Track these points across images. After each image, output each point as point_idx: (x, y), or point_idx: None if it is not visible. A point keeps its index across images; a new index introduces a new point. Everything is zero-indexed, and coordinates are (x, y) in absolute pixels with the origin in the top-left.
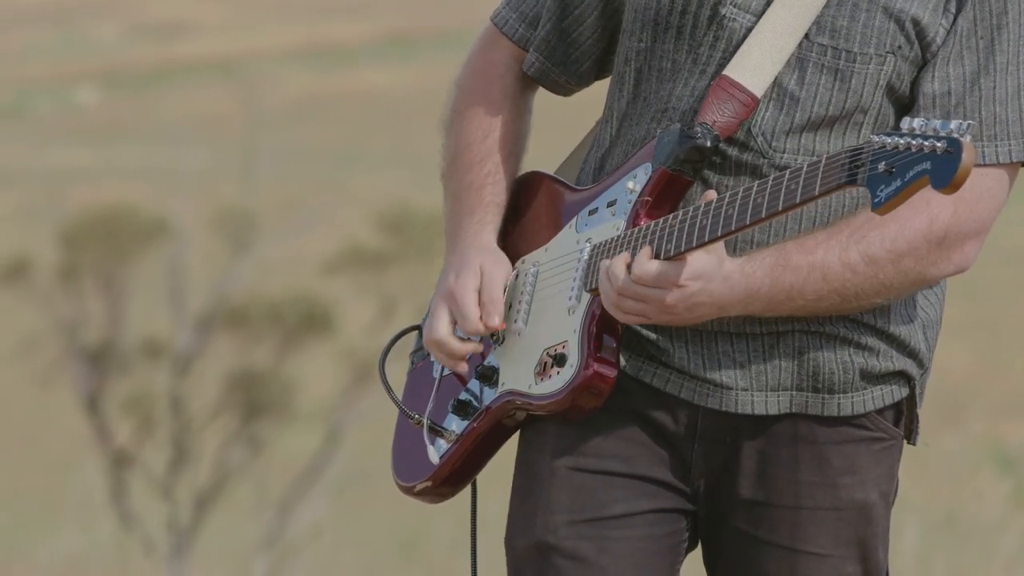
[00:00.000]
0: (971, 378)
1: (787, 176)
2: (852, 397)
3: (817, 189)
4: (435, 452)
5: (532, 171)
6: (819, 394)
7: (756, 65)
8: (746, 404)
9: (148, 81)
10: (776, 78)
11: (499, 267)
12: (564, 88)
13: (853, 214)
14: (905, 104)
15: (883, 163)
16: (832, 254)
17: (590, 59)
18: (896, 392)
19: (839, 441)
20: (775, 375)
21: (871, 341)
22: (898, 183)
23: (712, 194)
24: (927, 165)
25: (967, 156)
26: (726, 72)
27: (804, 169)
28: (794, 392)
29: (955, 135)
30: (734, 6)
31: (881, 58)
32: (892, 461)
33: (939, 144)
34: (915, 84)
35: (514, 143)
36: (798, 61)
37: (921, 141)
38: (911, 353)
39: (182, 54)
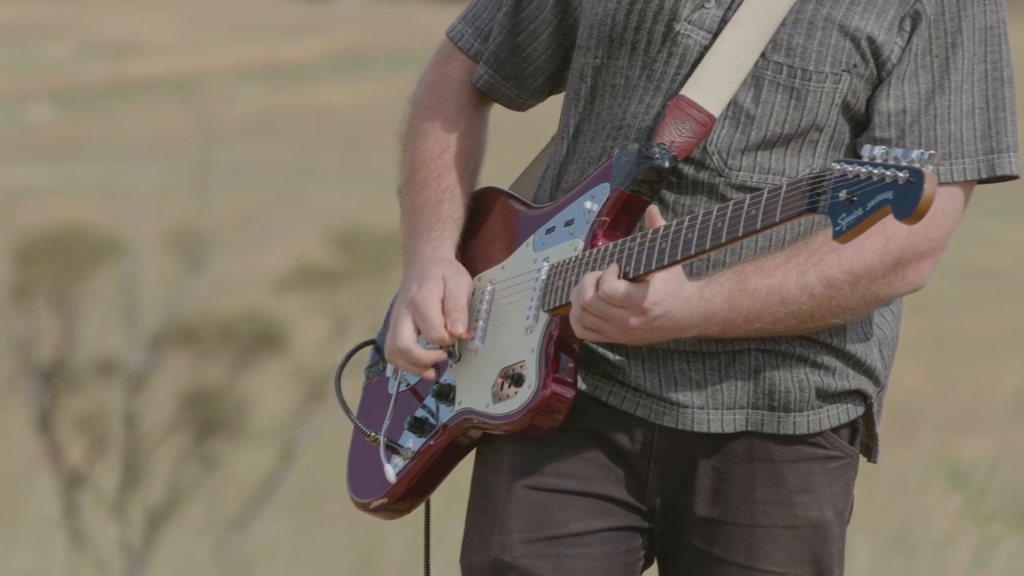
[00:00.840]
0: (922, 394)
1: (748, 202)
2: (808, 416)
3: (778, 216)
4: (391, 469)
5: (488, 187)
6: (775, 412)
7: (713, 84)
8: (702, 423)
9: (101, 98)
10: (732, 96)
11: (461, 277)
12: (517, 103)
13: (811, 235)
14: (860, 122)
15: (844, 191)
16: (790, 278)
17: (544, 75)
18: (852, 411)
19: (795, 459)
20: (731, 394)
21: (827, 360)
22: (859, 212)
23: (656, 218)
24: (889, 195)
25: (929, 186)
26: (683, 92)
27: (765, 195)
28: (750, 410)
29: (917, 165)
30: (688, 23)
31: (836, 76)
32: (847, 479)
33: (901, 174)
34: (870, 102)
35: (470, 158)
36: (754, 79)
37: (883, 170)
38: (867, 371)
39: (135, 72)
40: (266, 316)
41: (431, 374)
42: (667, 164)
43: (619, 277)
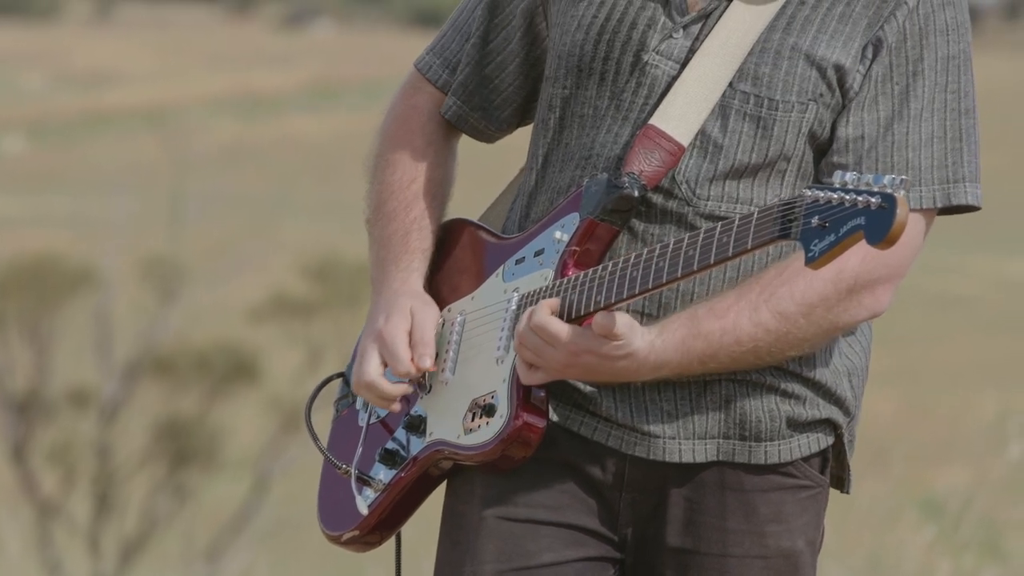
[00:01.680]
0: (894, 424)
1: (719, 229)
2: (779, 445)
3: (750, 243)
4: (362, 501)
5: (456, 218)
6: (746, 442)
7: (681, 114)
8: (673, 452)
9: (74, 129)
10: (701, 126)
11: (429, 309)
12: (485, 134)
13: (762, 271)
14: (825, 151)
15: (816, 217)
16: (743, 316)
17: (512, 106)
18: (822, 440)
19: (766, 489)
20: (702, 423)
21: (797, 389)
22: (832, 238)
23: (607, 320)
24: (861, 220)
25: (901, 211)
26: (652, 121)
27: (737, 222)
28: (721, 440)
29: (889, 190)
30: (656, 53)
31: (803, 106)
32: (818, 509)
33: (873, 199)
34: (831, 128)
35: (438, 189)
36: (721, 108)
37: (855, 196)
38: (837, 401)
39: (109, 102)
40: (240, 347)
41: (398, 407)
42: (636, 193)
43: (552, 313)
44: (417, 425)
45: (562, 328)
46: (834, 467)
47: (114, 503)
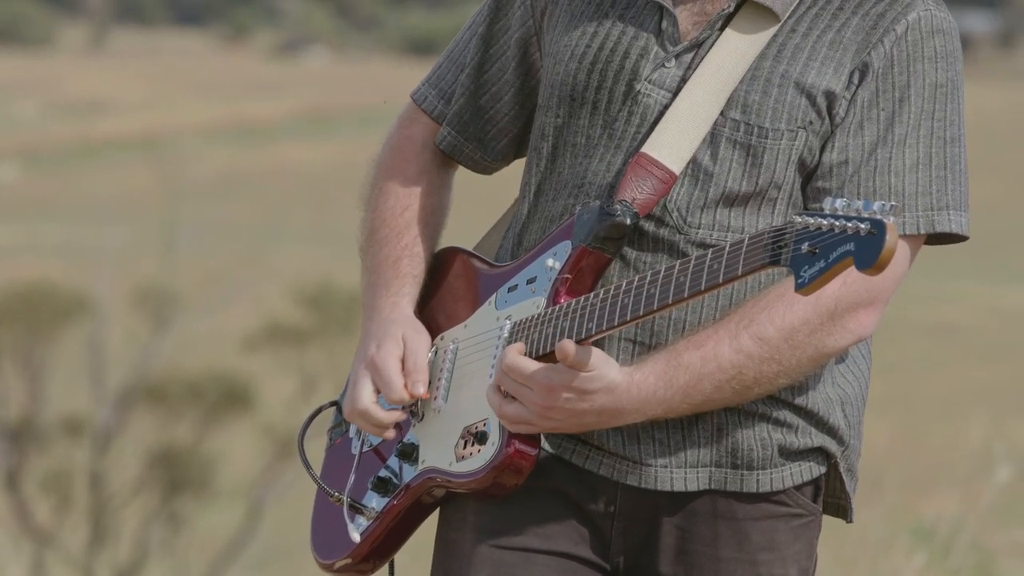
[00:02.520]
0: (889, 451)
1: (709, 256)
2: (771, 473)
3: (740, 269)
4: (355, 529)
5: (450, 247)
6: (738, 470)
7: (673, 142)
8: (665, 481)
9: (68, 158)
10: (693, 154)
11: (421, 336)
12: (482, 165)
13: (741, 303)
14: (812, 176)
15: (807, 244)
16: (723, 344)
17: (507, 136)
18: (815, 469)
19: (758, 517)
20: (694, 452)
21: (789, 418)
22: (822, 264)
23: (568, 345)
24: (851, 246)
25: (890, 237)
26: (644, 149)
27: (727, 249)
28: (713, 468)
29: (878, 216)
30: (649, 82)
31: (792, 133)
32: (811, 537)
33: (863, 225)
34: (821, 153)
35: (431, 218)
36: (712, 136)
37: (844, 222)
38: (829, 430)
39: (102, 131)
40: (233, 375)
41: (391, 434)
42: (628, 221)
43: (523, 353)
44: (410, 453)
45: (532, 366)
46: (834, 496)
47: (108, 531)
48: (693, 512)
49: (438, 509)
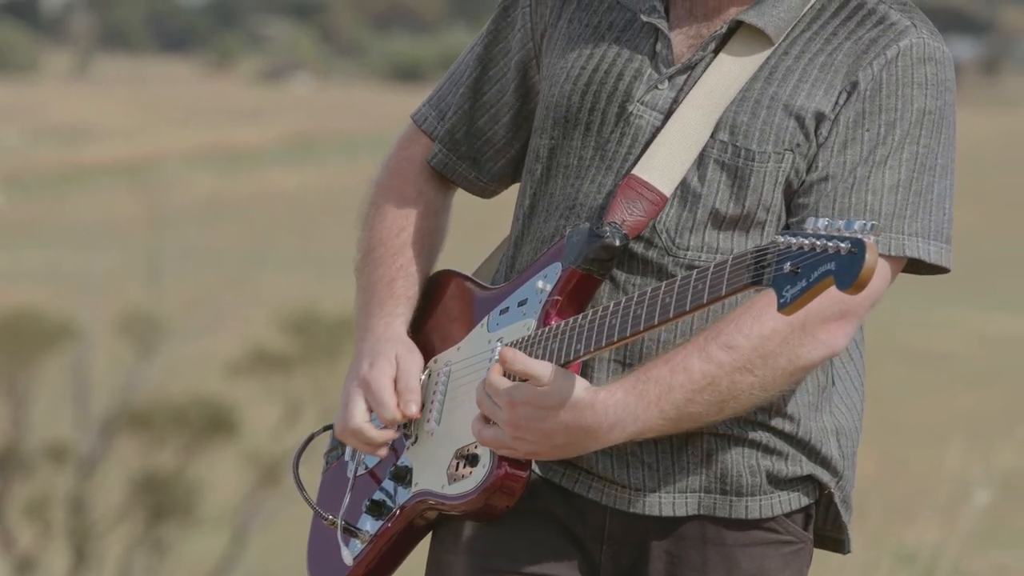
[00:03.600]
0: (872, 477)
1: (694, 276)
2: (760, 500)
3: (724, 289)
4: (349, 553)
5: (443, 269)
6: (727, 497)
7: (664, 164)
8: (654, 506)
9: (52, 184)
10: (684, 176)
11: (413, 356)
12: (478, 186)
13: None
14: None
15: (788, 263)
16: (692, 355)
17: (504, 158)
18: (805, 497)
19: (748, 544)
20: (683, 477)
21: (780, 446)
22: (803, 283)
23: (507, 351)
24: (832, 266)
25: (870, 257)
26: (635, 171)
27: (711, 269)
28: (702, 494)
29: (859, 235)
30: (641, 104)
31: (779, 156)
32: (801, 565)
33: (843, 245)
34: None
35: (427, 239)
36: (700, 157)
37: (825, 242)
38: (822, 461)
39: (86, 157)
40: (218, 401)
41: (384, 452)
42: (618, 242)
43: (503, 372)
44: (403, 476)
45: (501, 381)
46: (829, 529)
47: (91, 558)
48: (682, 537)
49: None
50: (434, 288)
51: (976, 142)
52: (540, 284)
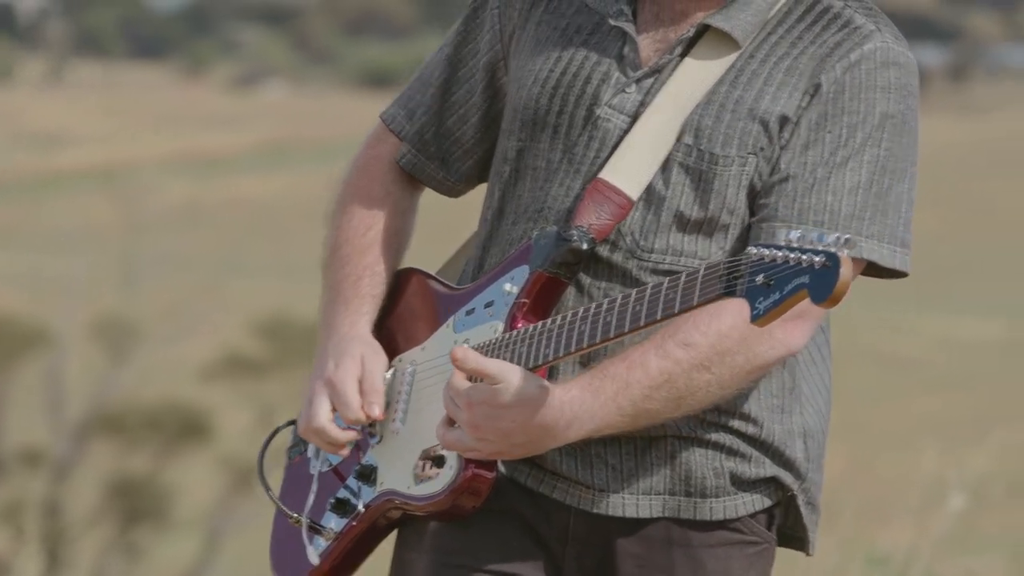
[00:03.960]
0: (842, 480)
1: (666, 285)
2: (724, 502)
3: (696, 299)
4: (314, 551)
5: (409, 268)
6: (691, 498)
7: (630, 167)
8: (618, 507)
9: (28, 190)
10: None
11: (378, 357)
12: (446, 185)
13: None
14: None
15: (762, 275)
16: (649, 352)
17: (472, 158)
18: (768, 498)
19: (713, 544)
20: (647, 479)
21: (743, 448)
22: (777, 296)
23: (459, 350)
24: (805, 279)
25: (845, 270)
26: (601, 175)
27: (683, 279)
28: (667, 496)
29: (832, 249)
30: (609, 107)
31: (743, 159)
32: (765, 565)
33: (817, 258)
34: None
35: (393, 238)
36: (665, 161)
37: (799, 255)
38: (786, 463)
39: (61, 163)
40: (191, 406)
41: (347, 452)
42: (585, 246)
43: (467, 378)
44: (368, 475)
45: (462, 383)
46: (792, 528)
47: (65, 562)
48: (647, 539)
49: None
50: (400, 286)
51: (944, 148)
52: (507, 287)
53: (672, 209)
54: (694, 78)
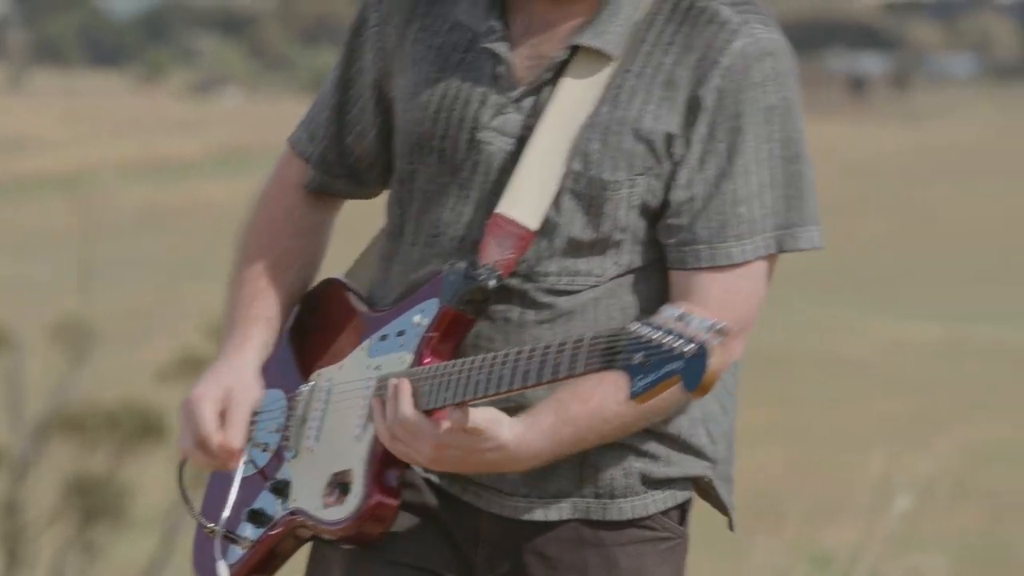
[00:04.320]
0: (789, 482)
1: (554, 349)
2: (634, 501)
3: (580, 369)
4: (224, 566)
5: (331, 279)
6: (601, 500)
7: (526, 198)
8: (528, 511)
9: None
10: (548, 207)
11: (247, 392)
12: (359, 195)
13: None
14: (660, 216)
15: (640, 354)
16: (608, 398)
17: (378, 167)
18: (679, 495)
19: (625, 543)
20: (557, 483)
21: (652, 447)
22: (652, 377)
23: (460, 415)
24: (678, 365)
25: (714, 361)
26: (500, 210)
27: (569, 346)
28: (576, 499)
29: (704, 338)
30: (490, 130)
31: (632, 181)
32: (678, 560)
33: (688, 348)
34: (665, 192)
35: (293, 260)
36: (557, 189)
37: (673, 340)
38: (695, 452)
39: (21, 169)
40: (148, 407)
41: (235, 464)
42: (491, 284)
43: (416, 407)
44: (282, 489)
45: (425, 423)
46: (715, 504)
47: (24, 560)
48: (559, 540)
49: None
50: (322, 299)
51: (886, 156)
52: (417, 319)
53: (565, 236)
54: (575, 98)
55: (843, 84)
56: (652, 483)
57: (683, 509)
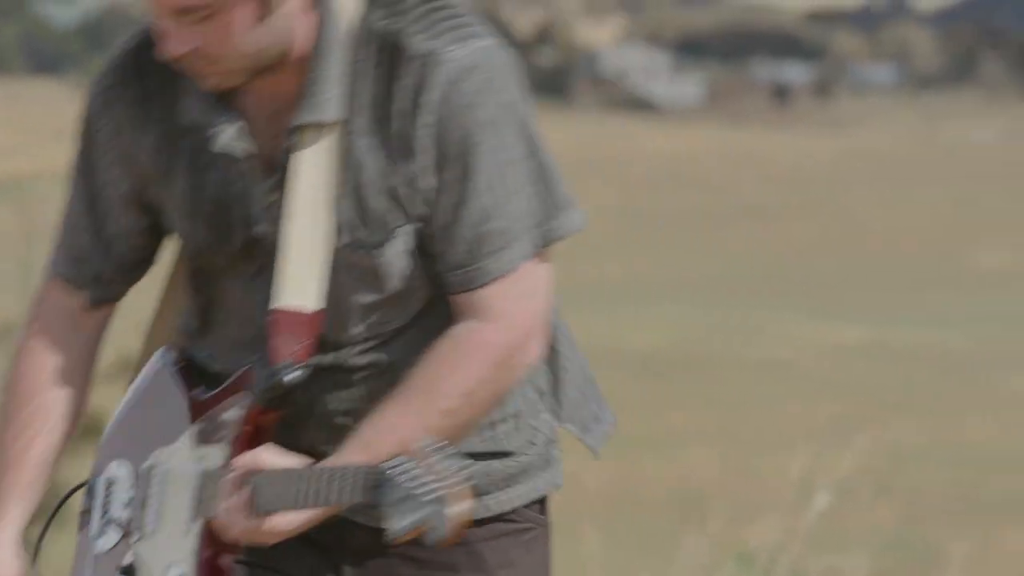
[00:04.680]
0: (715, 482)
1: (337, 475)
2: (497, 497)
3: (358, 497)
4: None
5: (162, 352)
6: None
7: (299, 283)
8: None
9: None
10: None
11: (6, 571)
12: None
13: (418, 368)
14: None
15: (399, 492)
16: (416, 428)
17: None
18: (538, 488)
19: (489, 538)
20: None
21: (508, 444)
22: (410, 519)
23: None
24: (429, 511)
25: (458, 510)
26: (276, 304)
27: (350, 474)
28: None
29: (443, 492)
30: (262, 223)
31: (394, 235)
32: (542, 548)
33: (429, 498)
34: (428, 229)
35: (54, 407)
36: (332, 265)
37: (424, 486)
38: (520, 446)
39: None
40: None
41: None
42: (294, 377)
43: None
44: (131, 574)
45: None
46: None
47: None
48: (426, 542)
49: None
50: (150, 377)
51: (810, 163)
52: (233, 412)
53: (354, 303)
54: (317, 171)
55: (767, 92)
56: (511, 480)
57: (543, 500)
